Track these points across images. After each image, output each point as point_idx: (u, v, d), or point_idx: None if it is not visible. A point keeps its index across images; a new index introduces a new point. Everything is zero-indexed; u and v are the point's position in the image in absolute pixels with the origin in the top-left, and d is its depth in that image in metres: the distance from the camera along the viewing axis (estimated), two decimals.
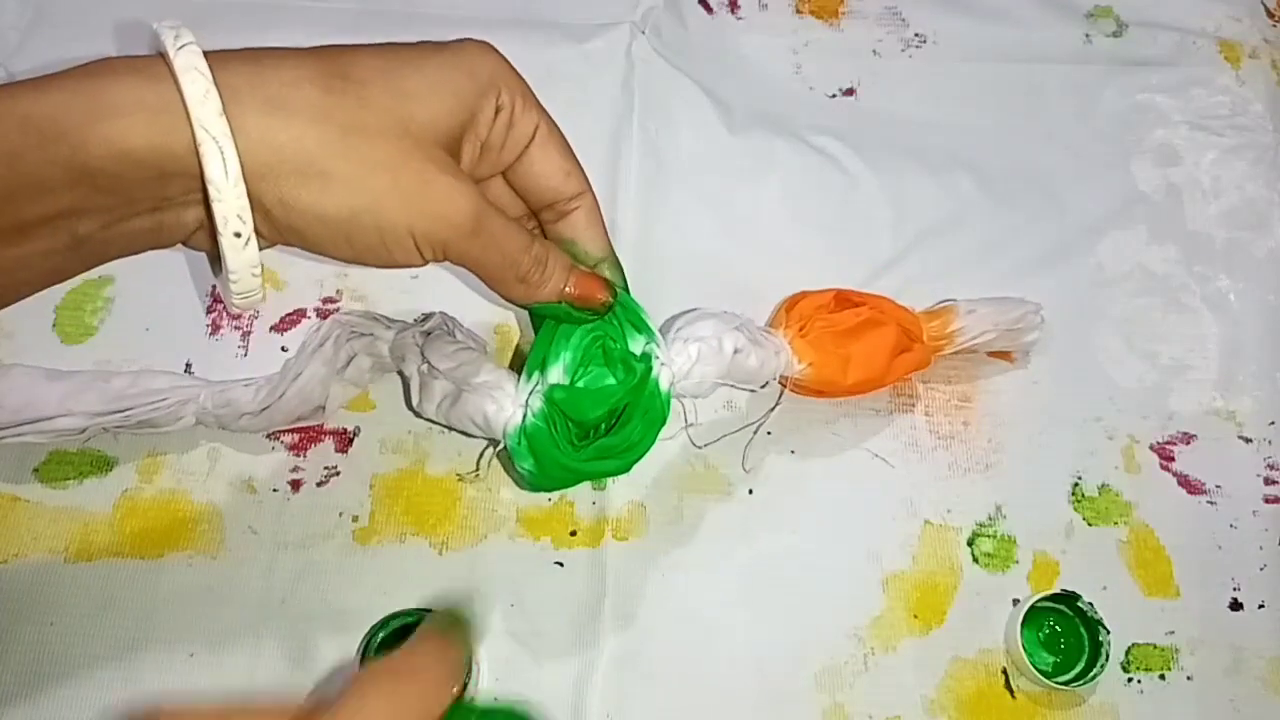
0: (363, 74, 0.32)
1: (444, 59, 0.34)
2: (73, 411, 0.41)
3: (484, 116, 0.35)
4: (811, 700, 0.43)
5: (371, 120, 0.31)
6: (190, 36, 0.30)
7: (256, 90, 0.30)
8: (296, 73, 0.31)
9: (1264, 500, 0.48)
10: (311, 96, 0.31)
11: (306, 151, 0.30)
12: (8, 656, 0.41)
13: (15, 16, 0.52)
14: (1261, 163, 0.54)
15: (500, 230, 0.34)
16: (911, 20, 0.57)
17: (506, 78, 0.35)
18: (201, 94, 0.29)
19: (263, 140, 0.30)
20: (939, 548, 0.46)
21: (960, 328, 0.46)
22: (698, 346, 0.41)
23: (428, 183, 0.32)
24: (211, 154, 0.29)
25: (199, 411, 0.43)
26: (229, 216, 0.30)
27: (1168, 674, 0.45)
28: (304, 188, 0.31)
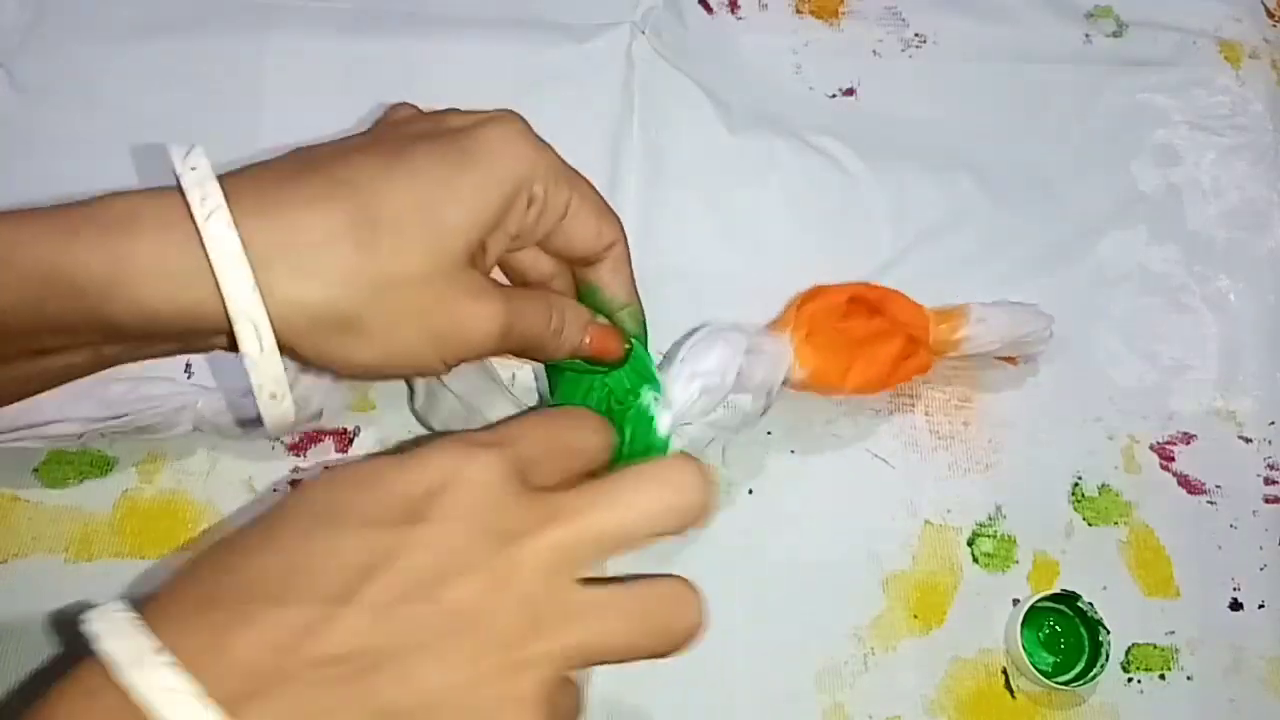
0: (394, 214, 0.31)
1: (480, 171, 0.33)
2: (70, 417, 0.41)
3: (515, 214, 0.35)
4: (811, 700, 0.43)
5: (402, 270, 0.31)
6: (217, 195, 0.29)
7: (287, 255, 0.29)
8: (326, 228, 0.30)
9: (1264, 500, 0.48)
10: (342, 256, 0.30)
11: (339, 312, 0.30)
12: (8, 656, 0.41)
13: (15, 16, 0.52)
14: (1261, 163, 0.54)
15: (524, 326, 0.35)
16: (911, 20, 0.57)
17: (538, 168, 0.34)
18: (234, 274, 0.28)
19: (295, 308, 0.30)
20: (939, 548, 0.46)
21: (968, 335, 0.46)
22: (700, 383, 0.41)
23: (457, 319, 0.32)
24: (246, 332, 0.29)
25: (196, 418, 0.42)
26: (264, 383, 0.31)
27: (1168, 674, 0.45)
28: (338, 342, 0.31)
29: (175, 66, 0.52)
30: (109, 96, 0.51)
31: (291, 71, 0.52)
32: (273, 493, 0.45)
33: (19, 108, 0.50)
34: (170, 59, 0.52)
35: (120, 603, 0.25)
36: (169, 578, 0.26)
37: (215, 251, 0.28)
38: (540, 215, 0.35)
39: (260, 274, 0.29)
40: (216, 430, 0.43)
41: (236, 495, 0.44)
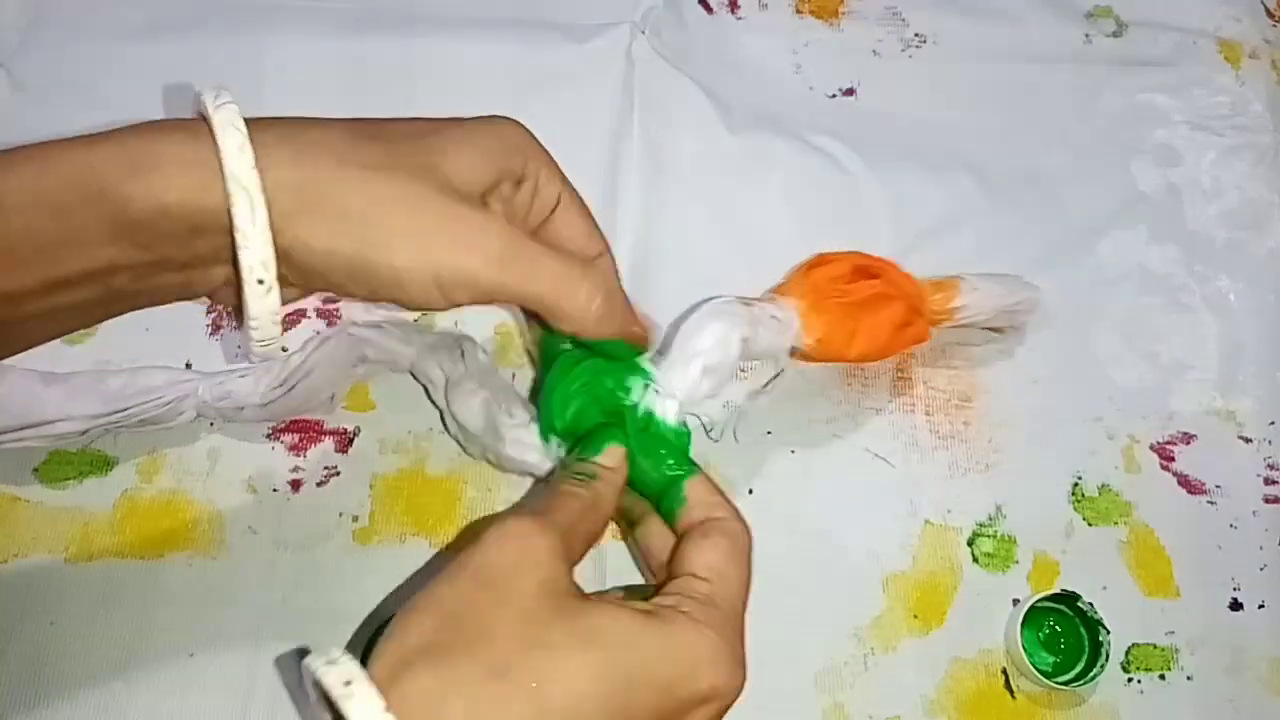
0: (392, 134, 0.33)
1: (473, 126, 0.35)
2: (72, 415, 0.41)
3: (508, 180, 0.36)
4: (811, 700, 0.43)
5: (394, 162, 0.32)
6: (230, 97, 0.31)
7: (287, 144, 0.31)
8: (326, 130, 0.33)
9: (1264, 500, 0.48)
10: (337, 144, 0.32)
11: (323, 190, 0.31)
12: (8, 656, 0.41)
13: (15, 16, 0.52)
14: (1261, 163, 0.54)
15: (538, 256, 0.34)
16: (911, 20, 0.57)
17: (532, 149, 0.36)
18: (236, 147, 0.30)
19: (287, 185, 0.31)
20: (939, 548, 0.46)
21: (963, 305, 0.46)
22: (700, 363, 0.40)
23: (446, 218, 0.32)
24: (241, 203, 0.30)
25: (199, 405, 0.43)
26: (254, 264, 0.31)
27: (1168, 674, 0.45)
28: (320, 226, 0.31)
29: (175, 67, 0.52)
30: (109, 96, 0.51)
31: (291, 71, 0.52)
32: (273, 493, 0.45)
33: (19, 108, 0.50)
34: (170, 59, 0.52)
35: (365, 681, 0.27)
36: None
37: (221, 131, 0.30)
38: (533, 198, 0.37)
39: (260, 158, 0.30)
40: (220, 415, 0.43)
41: (236, 495, 0.44)
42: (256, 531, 0.44)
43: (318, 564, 0.44)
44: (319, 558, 0.44)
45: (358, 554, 0.44)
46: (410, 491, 0.45)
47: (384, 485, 0.45)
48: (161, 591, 0.43)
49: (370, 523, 0.45)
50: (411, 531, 0.44)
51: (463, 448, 0.45)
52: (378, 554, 0.44)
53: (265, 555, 0.44)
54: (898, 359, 0.49)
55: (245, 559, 0.44)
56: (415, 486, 0.45)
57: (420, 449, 0.46)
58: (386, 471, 0.45)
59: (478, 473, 0.46)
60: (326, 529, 0.44)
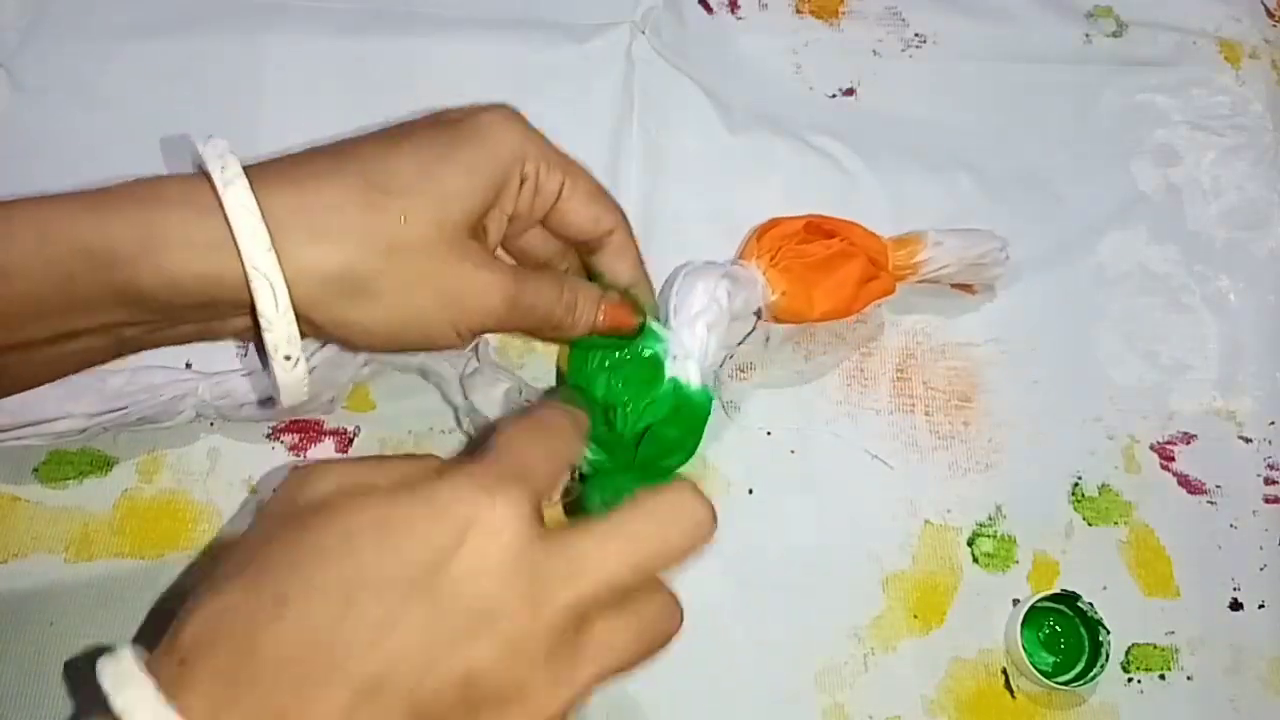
0: (402, 183, 0.33)
1: (474, 147, 0.35)
2: (72, 413, 0.41)
3: (509, 192, 0.36)
4: (811, 700, 0.43)
5: (412, 235, 0.33)
6: (236, 166, 0.31)
7: (301, 219, 0.31)
8: (338, 194, 0.32)
9: (1264, 500, 0.48)
10: (354, 220, 0.32)
11: (353, 275, 0.32)
12: (8, 656, 0.41)
13: (15, 16, 0.52)
14: (1261, 163, 0.54)
15: (532, 298, 0.36)
16: (911, 20, 0.57)
17: (529, 147, 0.36)
18: (251, 233, 0.30)
19: (310, 270, 0.31)
20: (939, 548, 0.46)
21: (926, 258, 0.46)
22: (703, 321, 0.42)
23: (465, 285, 0.34)
24: (262, 290, 0.30)
25: (198, 404, 0.43)
26: (279, 343, 0.32)
27: (1168, 674, 0.45)
28: (352, 307, 0.32)
29: (175, 66, 0.52)
30: (109, 96, 0.51)
31: (291, 71, 0.52)
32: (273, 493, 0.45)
33: (19, 108, 0.50)
34: (170, 59, 0.52)
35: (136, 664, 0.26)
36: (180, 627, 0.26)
37: (235, 216, 0.30)
38: (535, 195, 0.37)
39: (276, 238, 0.30)
40: (219, 414, 0.43)
41: (236, 495, 0.44)
42: None
43: None
44: None
45: None
46: None
47: None
48: (161, 591, 0.43)
49: None
50: None
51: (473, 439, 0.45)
52: None
53: None
54: (898, 360, 0.49)
55: None
56: None
57: (420, 449, 0.46)
58: None
59: None
60: None
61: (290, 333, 0.32)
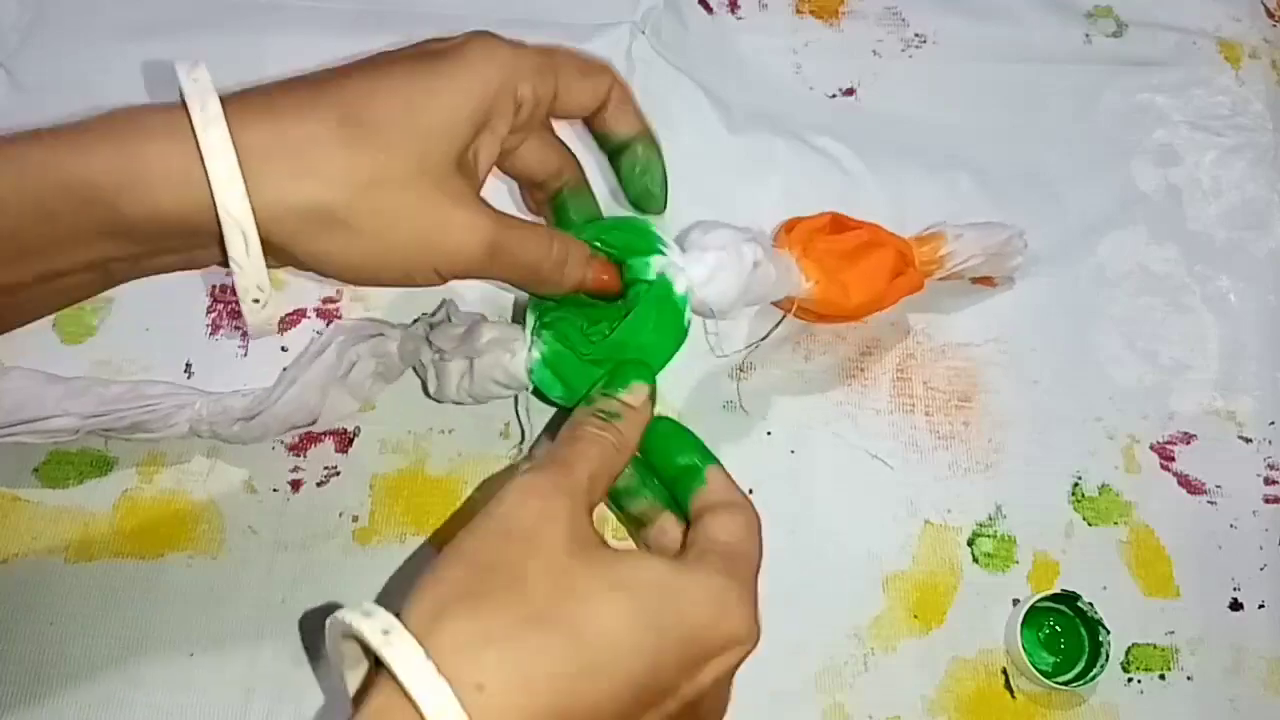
0: (381, 114, 0.32)
1: (459, 78, 0.34)
2: (68, 412, 0.41)
3: (502, 117, 0.35)
4: (811, 700, 0.43)
5: (392, 169, 0.32)
6: (216, 105, 0.31)
7: (278, 154, 0.31)
8: (317, 128, 0.31)
9: (1264, 500, 0.48)
10: (332, 155, 0.31)
11: (329, 211, 0.31)
12: (8, 656, 0.41)
13: (15, 16, 0.52)
14: (1261, 163, 0.54)
15: (516, 247, 0.35)
16: (911, 20, 0.57)
17: (520, 69, 0.35)
18: (226, 178, 0.30)
19: (287, 207, 0.31)
20: (939, 548, 0.46)
21: (950, 252, 0.47)
22: (716, 255, 0.41)
23: (445, 225, 0.33)
24: (234, 237, 0.30)
25: (193, 419, 0.42)
26: (249, 287, 0.32)
27: (1168, 674, 0.45)
28: (328, 241, 0.32)
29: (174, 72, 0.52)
30: (109, 96, 0.51)
31: (291, 72, 0.52)
32: (273, 493, 0.45)
33: (19, 108, 0.50)
34: (170, 59, 0.52)
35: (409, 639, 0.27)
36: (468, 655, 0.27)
37: (211, 160, 0.30)
38: (534, 109, 0.36)
39: (252, 177, 0.30)
40: (213, 434, 0.43)
41: (236, 495, 0.44)
42: (256, 531, 0.44)
43: (317, 564, 0.44)
44: (319, 558, 0.44)
45: (358, 554, 0.44)
46: (410, 491, 0.45)
47: (384, 485, 0.45)
48: (161, 591, 0.43)
49: (370, 523, 0.45)
50: (411, 531, 0.44)
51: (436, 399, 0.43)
52: (378, 554, 0.44)
53: (265, 555, 0.44)
54: (898, 360, 0.49)
55: (245, 559, 0.44)
56: (415, 486, 0.45)
57: (420, 449, 0.46)
58: (386, 471, 0.45)
59: (477, 472, 0.46)
60: (326, 529, 0.44)
61: (260, 278, 0.32)
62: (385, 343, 0.44)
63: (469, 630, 0.27)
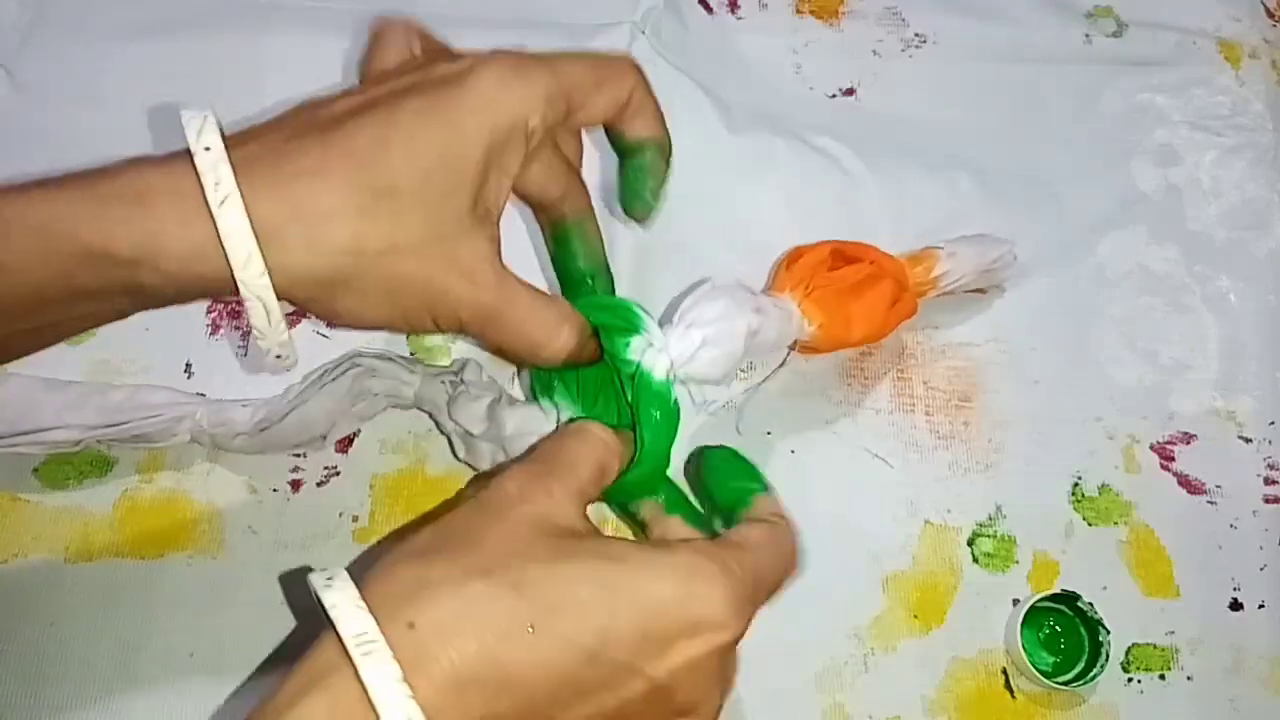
0: (392, 183, 0.32)
1: (467, 118, 0.33)
2: (69, 424, 0.41)
3: (513, 154, 0.35)
4: (811, 700, 0.43)
5: (405, 237, 0.33)
6: (229, 180, 0.30)
7: (294, 225, 0.31)
8: (331, 200, 0.32)
9: (1264, 500, 0.48)
10: (346, 227, 0.32)
11: (346, 278, 0.32)
12: (8, 656, 0.41)
13: (15, 16, 0.52)
14: (1261, 163, 0.54)
15: (515, 319, 0.36)
16: (911, 20, 0.57)
17: (528, 103, 0.34)
18: (245, 258, 0.30)
19: (304, 277, 0.32)
20: (939, 548, 0.46)
21: (943, 272, 0.47)
22: (702, 333, 0.40)
23: (450, 289, 0.34)
24: (255, 308, 0.31)
25: (194, 428, 0.42)
26: (271, 348, 0.33)
27: (1168, 674, 0.45)
28: (342, 302, 0.33)
29: (175, 66, 0.52)
30: (109, 96, 0.51)
31: (291, 71, 0.52)
32: (273, 493, 0.45)
33: (19, 108, 0.50)
34: (170, 59, 0.52)
35: None
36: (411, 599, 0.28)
37: (229, 242, 0.30)
38: (543, 138, 0.36)
39: (270, 253, 0.31)
40: (214, 442, 0.43)
41: (236, 495, 0.44)
42: (256, 531, 0.44)
43: (317, 564, 0.43)
44: (319, 558, 0.44)
45: (358, 554, 0.44)
46: (410, 491, 0.45)
47: (384, 485, 0.45)
48: (161, 591, 0.43)
49: (370, 523, 0.45)
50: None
51: (472, 465, 0.44)
52: None
53: (265, 555, 0.44)
54: (898, 360, 0.49)
55: (245, 559, 0.44)
56: (415, 487, 0.45)
57: (420, 449, 0.46)
58: (386, 471, 0.45)
59: None
60: (326, 529, 0.44)
61: (281, 340, 0.33)
62: (402, 386, 0.43)
63: (412, 576, 0.28)
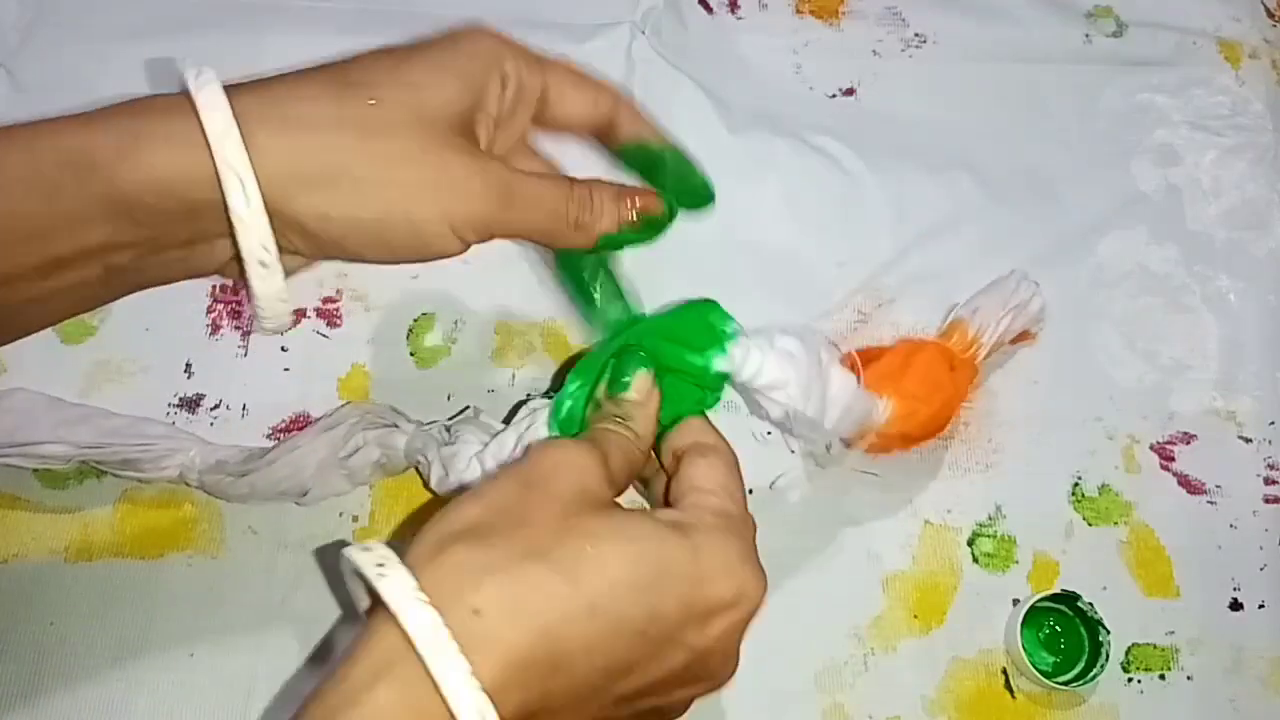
0: (370, 76, 0.33)
1: (444, 47, 0.35)
2: (64, 440, 0.41)
3: (492, 93, 0.35)
4: (811, 700, 0.43)
5: (386, 118, 0.32)
6: (211, 74, 0.31)
7: (272, 112, 0.31)
8: (308, 89, 0.32)
9: (1264, 500, 0.48)
10: (325, 108, 0.32)
11: (329, 161, 0.31)
12: (8, 656, 0.41)
13: (15, 16, 0.52)
14: (1261, 163, 0.54)
15: (533, 191, 0.35)
16: (911, 20, 0.57)
17: (505, 50, 0.36)
18: (221, 130, 0.30)
19: (285, 160, 0.31)
20: (939, 548, 0.46)
21: (978, 330, 0.46)
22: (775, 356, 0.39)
23: (449, 167, 0.33)
24: (233, 186, 0.30)
25: (184, 464, 0.42)
26: (253, 246, 0.31)
27: (1168, 674, 0.45)
28: (334, 196, 0.32)
29: (174, 66, 0.52)
30: (109, 96, 0.50)
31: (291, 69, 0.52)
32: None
33: (19, 108, 0.50)
34: (170, 59, 0.52)
35: None
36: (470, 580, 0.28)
37: (205, 112, 0.30)
38: (519, 94, 0.36)
39: (247, 132, 0.30)
40: (201, 483, 0.42)
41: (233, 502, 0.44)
42: (256, 531, 0.44)
43: (318, 564, 0.44)
44: (319, 558, 0.44)
45: None
46: (410, 492, 0.45)
47: (384, 486, 0.45)
48: (161, 591, 0.43)
49: (370, 523, 0.45)
50: (411, 532, 0.44)
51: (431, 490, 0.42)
52: None
53: (265, 555, 0.44)
54: None
55: (245, 559, 0.44)
56: (415, 487, 0.45)
57: None
58: None
59: None
60: (326, 529, 0.44)
61: (264, 235, 0.31)
62: (394, 435, 0.42)
63: (467, 559, 0.28)
